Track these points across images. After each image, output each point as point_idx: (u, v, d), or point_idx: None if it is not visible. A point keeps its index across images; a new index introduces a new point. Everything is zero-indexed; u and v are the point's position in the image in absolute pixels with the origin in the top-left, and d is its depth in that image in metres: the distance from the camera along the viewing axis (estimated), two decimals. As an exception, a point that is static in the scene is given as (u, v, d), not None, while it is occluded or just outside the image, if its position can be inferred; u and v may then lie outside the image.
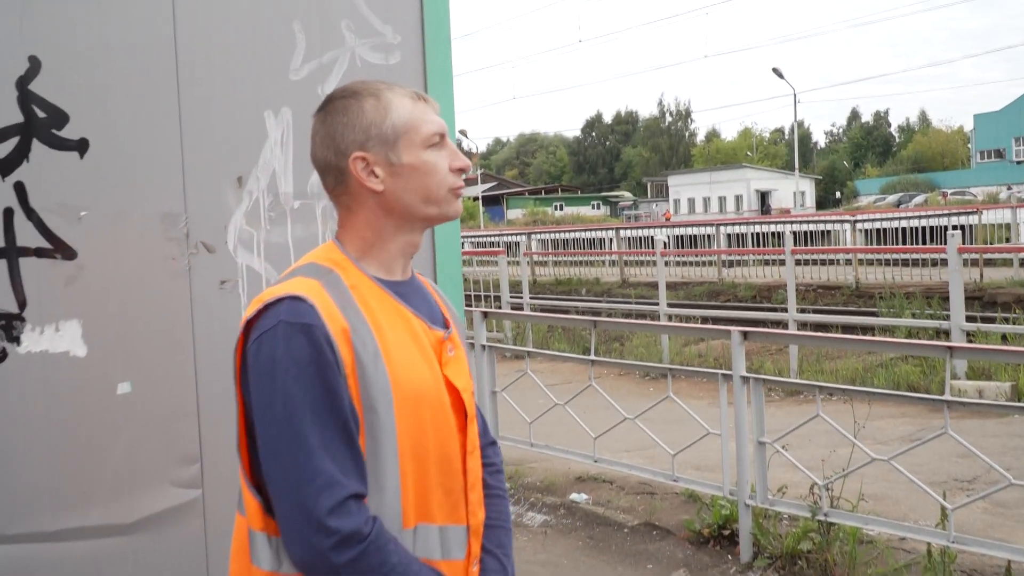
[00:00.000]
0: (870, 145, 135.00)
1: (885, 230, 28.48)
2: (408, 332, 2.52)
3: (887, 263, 24.20)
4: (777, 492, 7.21)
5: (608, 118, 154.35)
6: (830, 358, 14.79)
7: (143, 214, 3.64)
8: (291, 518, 2.34)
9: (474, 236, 41.30)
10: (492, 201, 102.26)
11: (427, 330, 2.57)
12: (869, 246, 27.76)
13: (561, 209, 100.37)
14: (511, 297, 19.80)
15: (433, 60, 4.13)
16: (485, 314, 9.99)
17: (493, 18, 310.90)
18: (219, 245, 3.78)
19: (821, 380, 13.58)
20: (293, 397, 2.33)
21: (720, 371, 7.72)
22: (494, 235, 40.82)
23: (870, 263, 24.57)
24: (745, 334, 7.46)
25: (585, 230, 39.11)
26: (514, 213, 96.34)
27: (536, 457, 9.74)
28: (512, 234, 40.03)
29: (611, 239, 34.90)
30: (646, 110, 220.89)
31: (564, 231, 40.29)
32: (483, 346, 9.48)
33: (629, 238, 35.73)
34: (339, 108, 2.54)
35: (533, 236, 37.64)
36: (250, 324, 2.43)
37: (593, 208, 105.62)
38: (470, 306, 19.11)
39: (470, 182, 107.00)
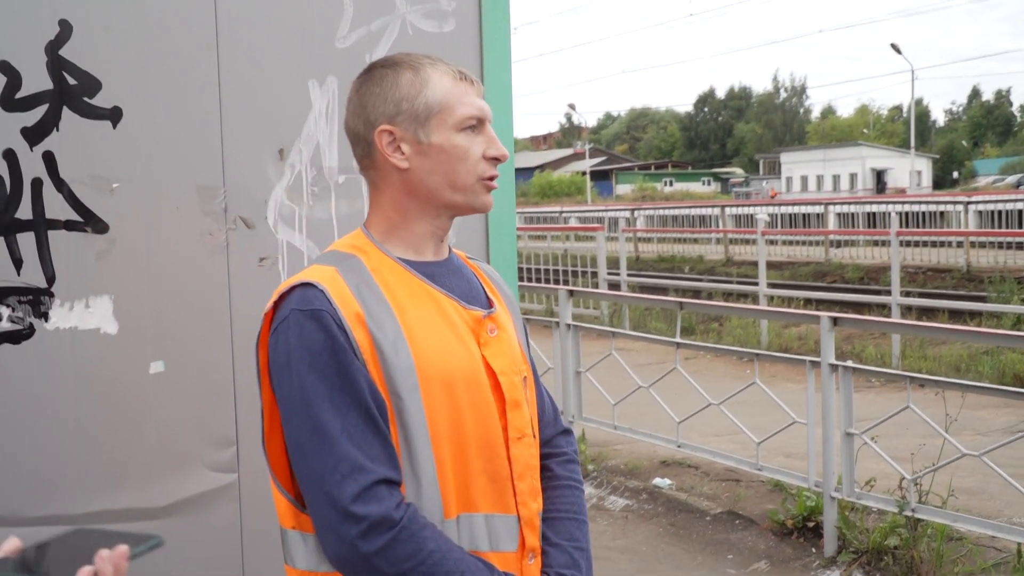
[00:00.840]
0: (991, 124, 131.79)
1: (1001, 212, 27.62)
2: (437, 312, 2.39)
3: (1001, 246, 23.47)
4: (865, 485, 6.95)
5: (721, 93, 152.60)
6: (934, 343, 14.34)
7: (179, 187, 3.49)
8: (320, 510, 2.24)
9: (580, 211, 41.07)
10: (601, 176, 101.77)
11: (461, 310, 2.43)
12: (984, 228, 26.95)
13: (671, 185, 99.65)
14: (609, 274, 19.55)
15: (490, 28, 3.91)
16: (571, 292, 9.79)
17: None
18: (259, 220, 3.62)
19: (924, 366, 13.21)
20: (309, 386, 2.23)
21: (808, 358, 7.46)
22: (600, 210, 40.51)
23: (983, 246, 23.84)
24: (835, 320, 7.16)
25: (690, 207, 38.63)
26: (623, 188, 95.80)
27: (621, 439, 9.55)
28: (617, 210, 39.67)
29: (717, 216, 34.41)
30: (760, 85, 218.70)
31: (669, 208, 39.84)
32: (568, 325, 9.28)
33: (737, 215, 35.21)
34: (375, 78, 2.44)
35: (638, 212, 37.26)
36: (270, 316, 2.35)
37: (704, 184, 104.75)
38: (567, 283, 18.95)
39: (578, 156, 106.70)
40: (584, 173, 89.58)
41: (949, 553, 6.55)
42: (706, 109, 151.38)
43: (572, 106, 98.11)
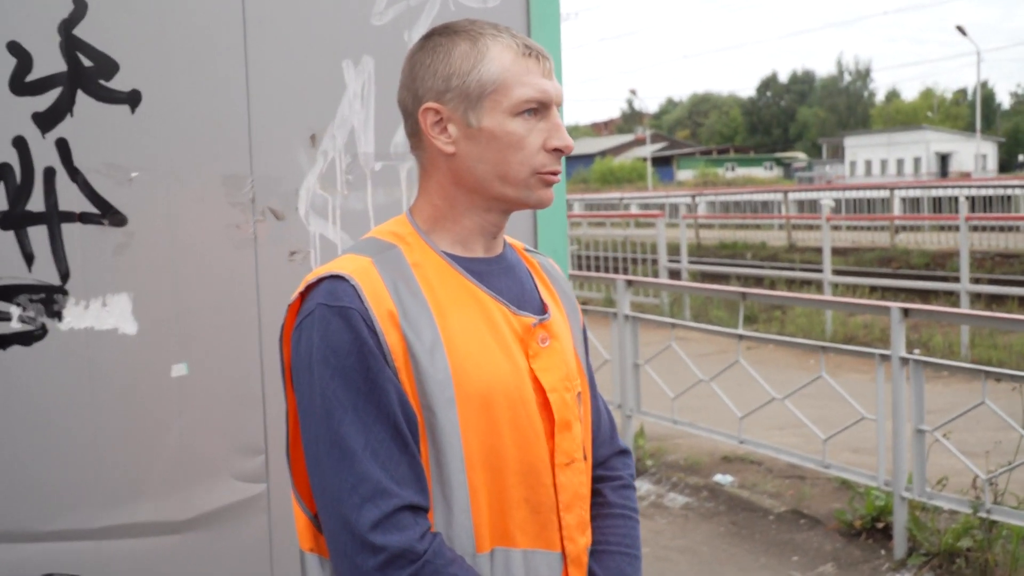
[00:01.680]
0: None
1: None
2: (483, 318, 2.09)
3: (1072, 230, 22.89)
4: (937, 484, 6.60)
5: (784, 77, 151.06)
6: (1004, 331, 13.88)
7: (203, 176, 3.22)
8: (335, 534, 1.96)
9: (641, 198, 40.72)
10: (663, 162, 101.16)
11: (510, 316, 2.13)
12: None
13: (733, 170, 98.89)
14: (669, 261, 19.20)
15: (539, 4, 3.63)
16: (629, 282, 9.49)
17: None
18: (289, 211, 3.35)
19: (994, 355, 12.79)
20: (332, 392, 1.96)
21: (877, 351, 7.12)
22: (661, 196, 40.11)
23: (1053, 230, 23.27)
24: (906, 311, 6.81)
25: (752, 192, 38.18)
26: (684, 174, 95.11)
27: (681, 434, 9.25)
28: (678, 196, 39.26)
29: (779, 202, 33.94)
30: (824, 69, 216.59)
31: (730, 193, 39.40)
32: (626, 316, 8.98)
33: (799, 201, 34.73)
34: (430, 47, 2.14)
35: (700, 198, 36.86)
36: (295, 309, 2.07)
37: (766, 169, 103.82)
38: (626, 271, 18.65)
39: (639, 142, 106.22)
40: (645, 159, 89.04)
41: (1027, 557, 6.22)
42: (769, 93, 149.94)
43: (633, 91, 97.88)
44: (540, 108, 2.12)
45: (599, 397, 2.46)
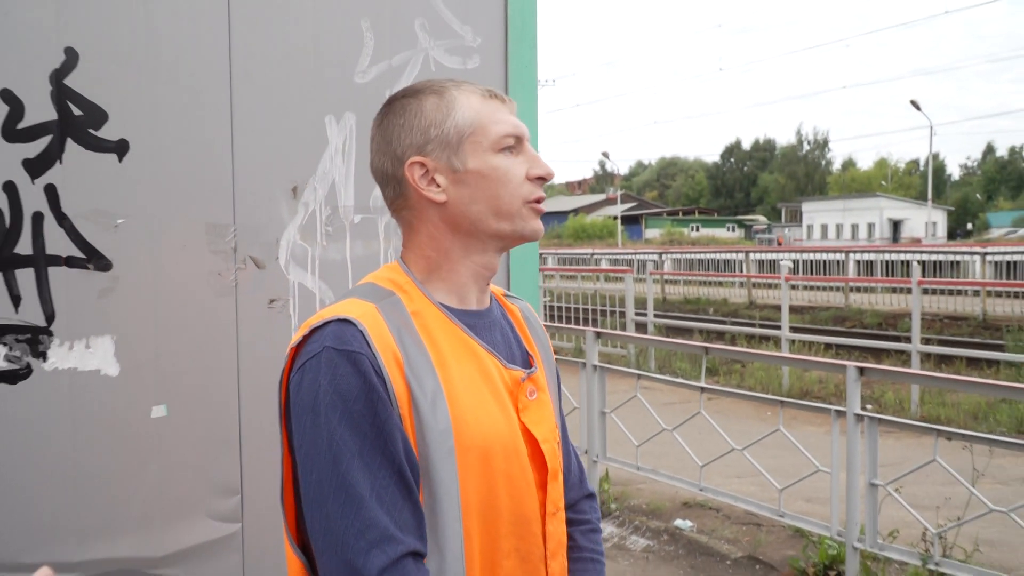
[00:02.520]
0: (1004, 179, 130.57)
1: (1016, 263, 27.16)
2: (479, 370, 2.02)
3: (1017, 296, 22.95)
4: (888, 536, 6.52)
5: (747, 145, 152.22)
6: (952, 391, 13.85)
7: (186, 224, 3.16)
8: None
9: (611, 254, 40.80)
10: (632, 220, 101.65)
11: (502, 369, 2.06)
12: (999, 279, 26.48)
13: (697, 230, 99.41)
14: (636, 314, 19.16)
15: (516, 65, 3.59)
16: (598, 334, 9.42)
17: (635, 46, 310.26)
18: (269, 261, 3.28)
19: (943, 412, 12.77)
20: (339, 437, 1.86)
21: (833, 407, 7.05)
22: (629, 253, 40.19)
23: (999, 295, 23.35)
24: (861, 370, 6.76)
25: (716, 251, 38.33)
26: (652, 232, 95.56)
27: (644, 479, 9.16)
28: (646, 253, 39.36)
29: (741, 261, 34.05)
30: (784, 138, 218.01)
31: (695, 252, 39.55)
32: (594, 366, 8.91)
33: (760, 260, 34.86)
34: (397, 109, 2.07)
35: (666, 255, 36.98)
36: (295, 351, 1.96)
37: (728, 231, 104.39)
38: (596, 323, 18.60)
39: (610, 201, 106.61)
40: (616, 217, 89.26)
41: (973, 608, 6.14)
42: (732, 159, 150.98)
43: (606, 154, 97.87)
44: (516, 143, 2.07)
45: (569, 442, 2.40)
